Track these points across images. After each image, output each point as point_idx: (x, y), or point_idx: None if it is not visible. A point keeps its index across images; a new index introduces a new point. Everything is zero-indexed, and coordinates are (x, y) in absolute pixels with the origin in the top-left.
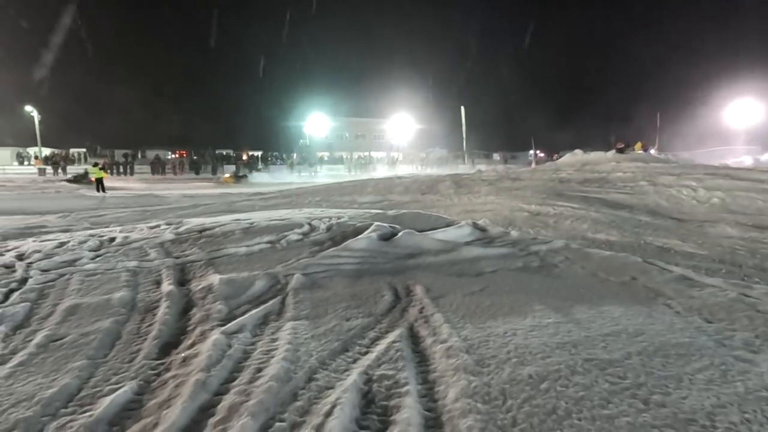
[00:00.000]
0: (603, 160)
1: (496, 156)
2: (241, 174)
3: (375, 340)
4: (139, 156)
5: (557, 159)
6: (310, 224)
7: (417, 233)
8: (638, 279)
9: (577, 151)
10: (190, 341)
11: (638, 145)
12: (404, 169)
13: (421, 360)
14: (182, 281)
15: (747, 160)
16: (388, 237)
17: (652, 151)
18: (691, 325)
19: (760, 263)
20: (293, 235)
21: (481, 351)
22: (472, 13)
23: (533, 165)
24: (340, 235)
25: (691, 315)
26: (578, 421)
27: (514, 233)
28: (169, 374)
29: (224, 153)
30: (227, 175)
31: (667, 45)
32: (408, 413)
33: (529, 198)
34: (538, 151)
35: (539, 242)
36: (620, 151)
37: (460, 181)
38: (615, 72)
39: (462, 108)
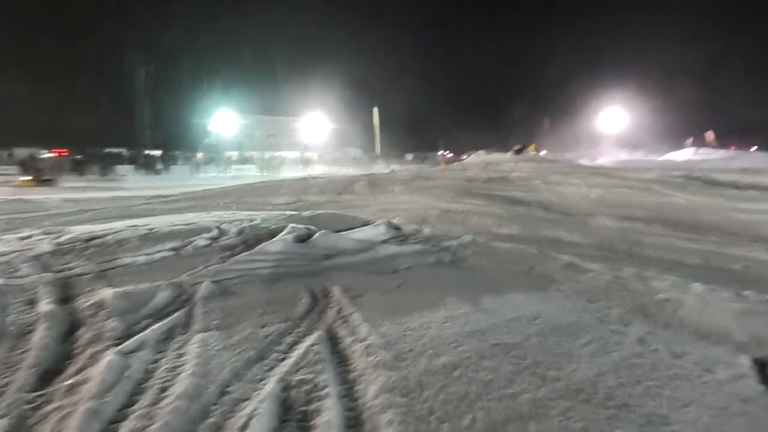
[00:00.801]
0: (503, 160)
1: (409, 156)
2: (46, 177)
3: (293, 345)
4: (6, 155)
5: (464, 159)
6: (219, 228)
7: (333, 234)
8: (535, 268)
9: (481, 152)
10: (77, 366)
11: (532, 147)
12: (319, 169)
13: (341, 360)
14: (66, 298)
15: (604, 160)
16: (304, 238)
17: (543, 153)
18: (578, 306)
19: (629, 249)
20: (200, 241)
21: (398, 346)
22: (385, 15)
23: (441, 165)
24: (253, 238)
25: (577, 297)
26: (487, 402)
27: (426, 230)
28: (51, 406)
29: (115, 152)
30: (25, 178)
31: (554, 57)
32: (328, 416)
33: (440, 196)
34: (447, 152)
35: (450, 238)
36: (517, 152)
37: (375, 181)
38: (514, 79)
39: (376, 109)
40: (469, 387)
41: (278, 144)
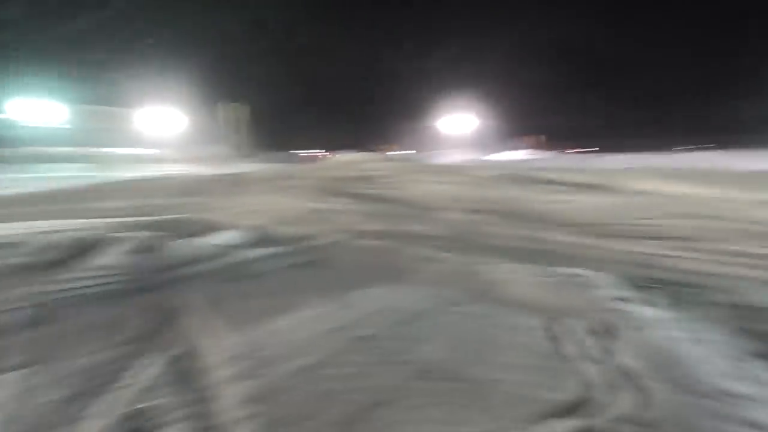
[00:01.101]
0: (367, 159)
1: (274, 155)
2: None
3: (136, 370)
4: None
5: (329, 158)
6: (32, 242)
7: (187, 240)
8: (395, 261)
9: (347, 152)
10: None
11: (392, 146)
12: (171, 168)
13: (195, 378)
14: None
15: (453, 159)
16: (150, 248)
17: (401, 152)
18: (431, 293)
19: (476, 239)
20: (6, 259)
21: (260, 353)
22: (252, 10)
23: (307, 163)
24: (81, 251)
25: (431, 286)
26: (350, 395)
27: (291, 231)
28: None
29: None
30: None
31: (414, 64)
32: None
33: (304, 196)
34: (318, 151)
35: (314, 238)
36: (379, 152)
37: (235, 180)
38: (382, 83)
39: (233, 104)
40: (333, 384)
41: (116, 139)
